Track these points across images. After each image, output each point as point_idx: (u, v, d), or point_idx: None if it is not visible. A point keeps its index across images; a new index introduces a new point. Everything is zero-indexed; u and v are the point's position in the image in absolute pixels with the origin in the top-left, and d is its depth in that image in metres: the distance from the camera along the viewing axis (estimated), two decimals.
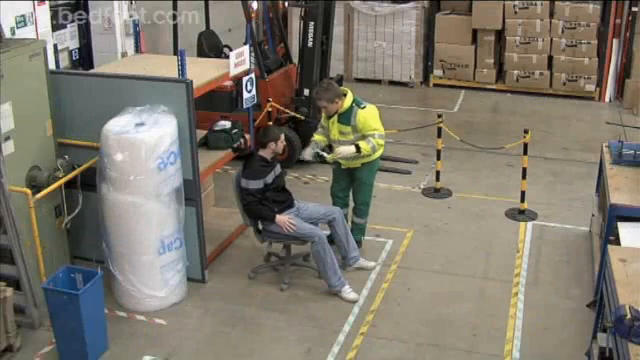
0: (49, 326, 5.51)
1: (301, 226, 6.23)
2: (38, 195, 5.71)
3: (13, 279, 5.61)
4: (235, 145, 6.92)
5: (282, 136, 6.40)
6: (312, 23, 8.59)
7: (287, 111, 8.79)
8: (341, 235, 6.49)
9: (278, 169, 6.48)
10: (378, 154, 6.69)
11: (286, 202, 6.42)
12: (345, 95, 6.51)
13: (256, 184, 6.21)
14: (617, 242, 5.45)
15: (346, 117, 6.52)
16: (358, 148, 6.46)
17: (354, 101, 6.53)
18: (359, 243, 6.86)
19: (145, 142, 5.60)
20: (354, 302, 6.17)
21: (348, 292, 6.22)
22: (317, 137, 6.85)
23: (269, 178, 6.28)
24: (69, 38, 8.35)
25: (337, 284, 6.21)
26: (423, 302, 6.22)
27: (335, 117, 6.58)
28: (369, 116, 6.51)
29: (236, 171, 6.49)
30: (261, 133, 6.43)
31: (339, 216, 6.51)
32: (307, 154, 6.84)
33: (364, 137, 6.50)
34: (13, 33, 6.80)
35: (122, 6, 8.50)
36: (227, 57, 7.36)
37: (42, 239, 5.81)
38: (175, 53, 8.40)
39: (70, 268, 5.58)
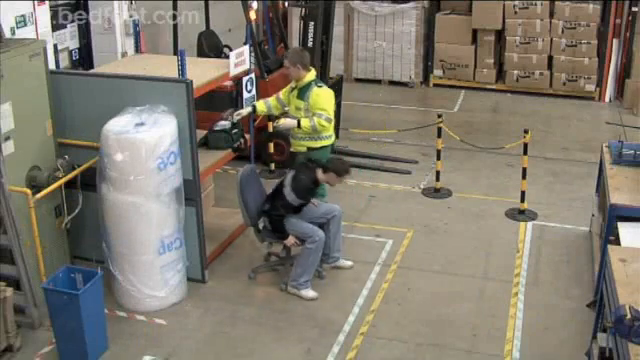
0: (49, 326, 5.51)
1: (302, 227, 6.23)
2: (38, 195, 5.71)
3: (13, 279, 5.62)
4: (235, 145, 6.92)
5: (346, 177, 6.37)
6: (312, 23, 8.59)
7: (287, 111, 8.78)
8: (332, 233, 6.48)
9: None
10: (324, 143, 6.71)
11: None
12: (308, 71, 6.62)
13: (296, 201, 6.18)
14: (617, 242, 5.45)
15: (303, 93, 6.64)
16: (299, 123, 6.57)
17: (315, 80, 6.64)
18: None
19: (145, 142, 5.60)
20: (314, 299, 6.18)
21: (308, 291, 6.23)
22: (270, 100, 6.97)
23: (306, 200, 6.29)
24: (69, 38, 8.35)
25: (303, 284, 6.22)
26: (423, 302, 6.22)
27: (295, 92, 6.71)
28: (322, 95, 6.59)
29: (242, 169, 6.44)
30: (335, 159, 6.41)
31: (338, 215, 6.51)
32: (244, 110, 6.91)
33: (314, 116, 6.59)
34: (13, 33, 6.79)
35: (122, 6, 8.49)
36: (227, 57, 7.36)
37: (42, 239, 5.81)
38: (175, 53, 8.40)
39: (70, 268, 5.58)
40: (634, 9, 11.42)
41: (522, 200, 7.81)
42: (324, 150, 6.81)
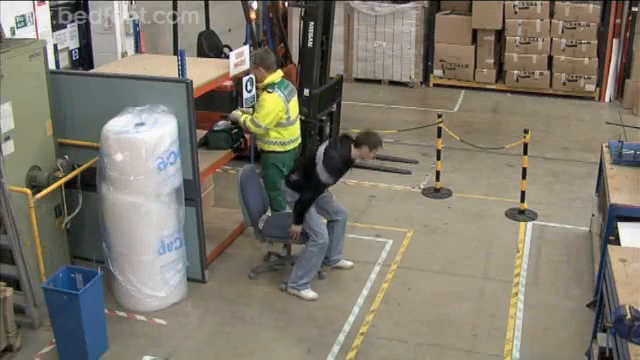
0: (49, 326, 5.51)
1: (317, 224, 6.14)
2: (38, 195, 5.71)
3: (13, 279, 5.61)
4: (235, 145, 6.92)
5: (378, 149, 6.05)
6: (312, 23, 8.58)
7: None
8: (336, 236, 6.49)
9: None
10: (272, 148, 6.71)
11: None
12: (271, 73, 6.59)
13: (328, 179, 5.97)
14: (617, 242, 5.45)
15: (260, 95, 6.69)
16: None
17: (272, 85, 6.59)
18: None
19: (145, 142, 5.60)
20: (314, 300, 6.17)
21: (308, 292, 6.22)
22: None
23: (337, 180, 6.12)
24: (69, 38, 8.34)
25: (303, 285, 6.21)
26: (423, 302, 6.22)
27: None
28: (265, 100, 6.57)
29: (242, 169, 6.43)
30: (365, 132, 6.06)
31: (344, 218, 6.51)
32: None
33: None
34: (13, 33, 6.79)
35: (122, 6, 8.48)
36: (227, 57, 7.36)
37: (42, 239, 5.81)
38: (175, 53, 8.39)
39: (70, 268, 5.58)
40: (634, 9, 11.42)
41: (522, 200, 7.81)
42: (274, 156, 6.77)
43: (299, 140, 7.02)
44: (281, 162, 6.82)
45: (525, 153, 7.74)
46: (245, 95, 7.14)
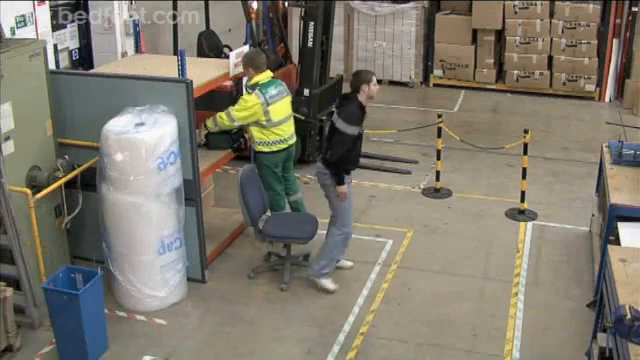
0: (49, 326, 5.51)
1: (348, 212, 6.32)
2: (38, 195, 5.71)
3: (13, 279, 5.61)
4: (235, 145, 6.92)
5: (374, 79, 6.13)
6: (312, 23, 8.59)
7: None
8: None
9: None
10: (260, 148, 6.70)
11: (356, 165, 6.38)
12: (259, 73, 6.60)
13: (353, 130, 5.98)
14: (617, 242, 5.45)
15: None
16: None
17: (255, 85, 6.61)
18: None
19: (145, 142, 5.60)
20: (332, 292, 6.26)
21: (329, 283, 6.31)
22: None
23: (361, 128, 6.14)
24: (69, 38, 8.34)
25: (324, 274, 6.31)
26: (423, 302, 6.22)
27: None
28: (242, 99, 6.62)
29: (242, 169, 6.42)
30: (353, 76, 6.22)
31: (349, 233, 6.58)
32: None
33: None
34: (13, 33, 6.78)
35: (122, 6, 8.48)
36: (227, 57, 7.36)
37: (42, 239, 5.81)
38: (175, 53, 8.39)
39: (70, 268, 5.58)
40: (634, 9, 11.42)
41: (522, 200, 7.81)
42: (264, 157, 6.75)
43: (290, 141, 6.88)
44: (272, 163, 6.80)
45: (525, 153, 7.74)
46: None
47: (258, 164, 6.78)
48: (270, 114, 6.60)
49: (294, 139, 6.98)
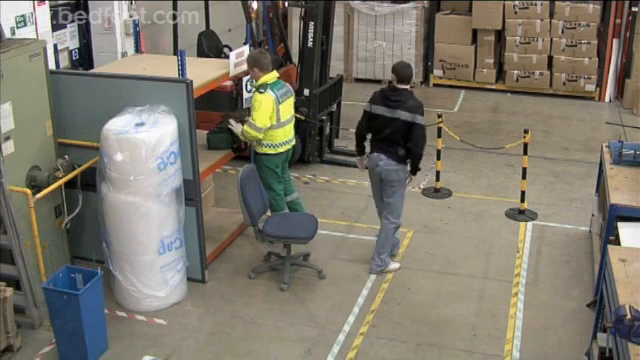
0: (49, 326, 5.51)
1: (402, 203, 6.61)
2: (38, 195, 5.71)
3: (13, 279, 5.61)
4: (235, 145, 6.91)
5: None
6: (312, 23, 8.59)
7: None
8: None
9: None
10: (265, 150, 6.68)
11: None
12: (265, 73, 6.55)
13: (423, 119, 6.36)
14: (617, 242, 5.45)
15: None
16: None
17: (264, 85, 6.53)
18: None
19: (145, 142, 5.60)
20: (396, 270, 6.67)
21: (394, 264, 6.73)
22: None
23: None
24: (69, 38, 8.35)
25: (386, 262, 6.64)
26: (423, 302, 6.22)
27: None
28: (257, 101, 6.50)
29: (242, 169, 6.40)
30: (402, 69, 6.32)
31: None
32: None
33: None
34: (13, 33, 6.79)
35: (122, 6, 8.48)
36: (227, 57, 7.36)
37: (42, 239, 5.81)
38: (175, 53, 8.39)
39: (70, 268, 5.58)
40: (634, 9, 11.42)
41: (522, 200, 7.81)
42: (267, 158, 6.74)
43: (292, 142, 6.90)
44: (273, 164, 6.79)
45: (525, 153, 7.74)
46: (245, 95, 7.15)
47: (258, 165, 6.76)
48: (280, 113, 6.62)
49: (294, 140, 6.99)
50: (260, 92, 6.50)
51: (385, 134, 6.32)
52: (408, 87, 6.33)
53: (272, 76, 6.62)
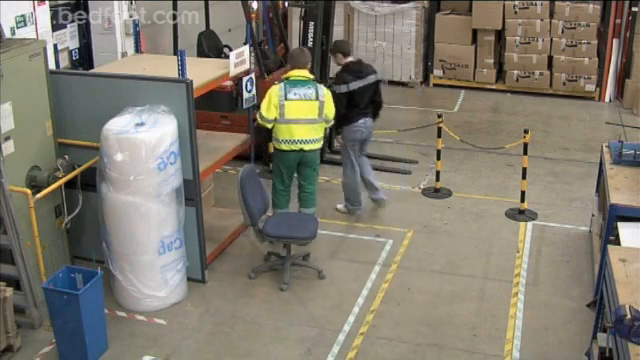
0: (49, 326, 5.51)
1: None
2: (38, 195, 5.71)
3: (13, 279, 5.61)
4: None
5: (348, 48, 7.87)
6: (312, 23, 8.59)
7: None
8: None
9: None
10: (278, 146, 6.83)
11: None
12: (293, 69, 6.84)
13: (339, 88, 7.32)
14: (617, 242, 5.45)
15: None
16: None
17: (284, 79, 6.85)
18: None
19: (145, 142, 5.60)
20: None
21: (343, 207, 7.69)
22: None
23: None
24: (69, 38, 8.34)
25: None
26: (423, 302, 6.22)
27: None
28: (268, 91, 6.85)
29: (242, 169, 6.39)
30: (342, 42, 7.87)
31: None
32: None
33: None
34: (13, 33, 6.78)
35: (122, 6, 8.48)
36: (227, 57, 7.36)
37: (42, 239, 5.81)
38: (175, 53, 8.39)
39: (70, 268, 5.58)
40: (634, 9, 11.41)
41: (522, 200, 7.81)
42: (275, 153, 6.94)
43: (302, 146, 6.75)
44: (281, 162, 6.81)
45: (525, 153, 7.74)
46: (245, 95, 7.14)
47: (272, 160, 7.17)
48: (284, 109, 6.64)
49: (310, 146, 6.80)
50: (276, 84, 6.87)
51: (367, 101, 7.44)
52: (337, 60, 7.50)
53: (296, 73, 6.82)
